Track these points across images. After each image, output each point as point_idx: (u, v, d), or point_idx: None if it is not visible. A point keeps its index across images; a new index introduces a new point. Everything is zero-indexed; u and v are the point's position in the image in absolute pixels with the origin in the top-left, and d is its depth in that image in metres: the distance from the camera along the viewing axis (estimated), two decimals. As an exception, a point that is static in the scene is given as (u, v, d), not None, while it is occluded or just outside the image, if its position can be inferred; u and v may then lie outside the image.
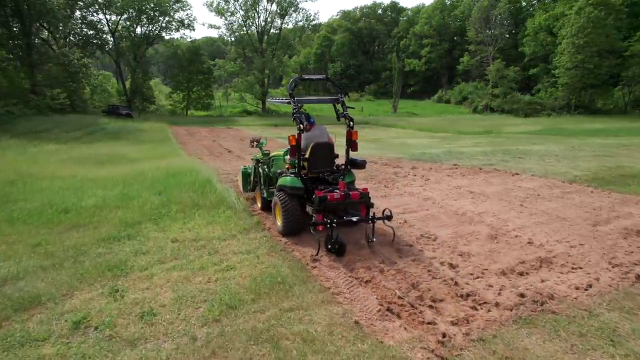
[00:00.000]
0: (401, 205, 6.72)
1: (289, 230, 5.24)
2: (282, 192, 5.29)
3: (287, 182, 5.22)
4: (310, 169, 5.31)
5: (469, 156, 12.80)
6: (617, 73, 39.60)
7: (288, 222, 5.18)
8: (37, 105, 31.62)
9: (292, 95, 5.31)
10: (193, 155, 15.65)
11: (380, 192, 7.73)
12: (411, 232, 5.40)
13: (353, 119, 5.31)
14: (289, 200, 5.15)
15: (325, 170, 5.45)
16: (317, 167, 5.35)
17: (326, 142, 5.44)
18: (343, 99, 5.43)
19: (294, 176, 5.24)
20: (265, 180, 6.41)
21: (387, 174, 9.72)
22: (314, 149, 5.24)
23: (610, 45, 38.23)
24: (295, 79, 5.52)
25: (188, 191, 7.56)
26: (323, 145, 5.35)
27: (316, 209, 4.71)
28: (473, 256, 4.55)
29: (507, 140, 20.41)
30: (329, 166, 5.45)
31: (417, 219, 5.93)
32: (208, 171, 10.08)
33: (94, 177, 10.09)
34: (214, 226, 5.71)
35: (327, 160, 5.43)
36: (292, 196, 5.18)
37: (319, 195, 4.72)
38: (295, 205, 5.15)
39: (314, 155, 5.25)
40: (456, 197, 7.07)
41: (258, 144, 6.80)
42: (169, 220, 5.95)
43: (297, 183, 5.16)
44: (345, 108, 5.37)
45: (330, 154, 5.45)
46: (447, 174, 9.38)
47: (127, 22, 46.18)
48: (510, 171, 9.40)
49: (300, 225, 5.20)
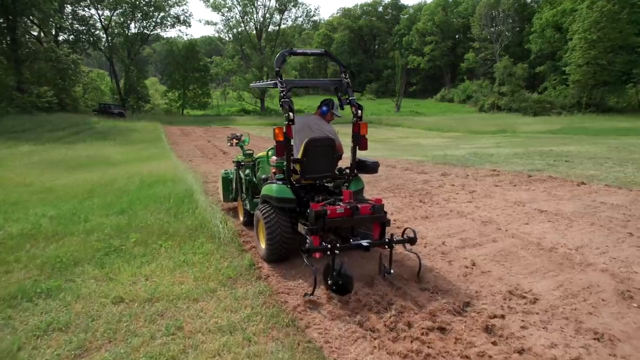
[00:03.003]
0: (454, 232, 4.80)
1: (273, 255, 3.93)
2: (266, 205, 3.99)
3: (273, 191, 3.91)
4: (304, 174, 3.93)
5: (501, 159, 10.92)
6: (629, 70, 37.93)
7: (273, 245, 3.84)
8: (22, 103, 29.75)
9: (278, 74, 3.83)
10: (184, 157, 14.03)
11: (416, 210, 5.80)
12: (490, 284, 3.47)
13: (362, 107, 3.93)
14: (275, 215, 3.85)
15: (325, 176, 4.07)
16: (314, 171, 3.97)
17: (326, 137, 4.05)
18: (348, 80, 4.06)
19: (281, 183, 3.90)
20: (248, 187, 5.06)
21: (416, 182, 7.80)
22: (308, 146, 3.86)
23: (623, 41, 36.63)
24: (284, 52, 4.00)
25: (160, 210, 5.64)
26: (321, 142, 3.96)
27: (311, 228, 3.37)
28: (620, 341, 2.63)
29: (530, 140, 18.59)
30: (329, 170, 4.06)
31: (488, 258, 4.01)
32: (193, 179, 8.16)
33: (52, 186, 8.18)
34: (184, 272, 3.79)
35: (327, 161, 4.03)
36: (279, 210, 3.88)
37: (315, 209, 3.41)
38: (284, 222, 3.84)
39: (308, 155, 3.88)
40: (526, 220, 5.15)
41: (238, 141, 5.36)
42: (120, 261, 4.02)
43: (285, 192, 3.84)
44: (351, 92, 4.01)
45: (332, 154, 4.03)
46: (492, 183, 7.46)
47: (120, 17, 44.28)
48: (570, 179, 7.48)
49: (290, 249, 3.89)
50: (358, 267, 3.82)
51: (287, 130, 3.64)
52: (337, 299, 3.20)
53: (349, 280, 3.25)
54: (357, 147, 4.00)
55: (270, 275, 3.72)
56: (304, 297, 3.27)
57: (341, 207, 3.49)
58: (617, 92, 40.83)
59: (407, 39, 68.51)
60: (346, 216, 3.48)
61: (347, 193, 3.70)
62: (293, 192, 3.83)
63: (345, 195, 3.69)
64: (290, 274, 3.77)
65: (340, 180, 4.20)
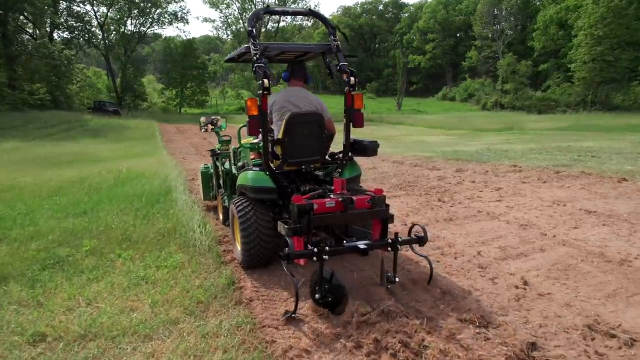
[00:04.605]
0: (489, 238, 3.85)
1: (251, 260, 3.17)
2: (242, 197, 3.26)
3: (248, 179, 3.17)
4: (287, 158, 3.18)
5: (518, 155, 9.98)
6: (636, 67, 37.17)
7: (249, 247, 3.09)
8: (13, 100, 28.88)
9: (251, 35, 3.04)
10: (176, 154, 13.29)
11: (436, 211, 4.84)
12: (556, 313, 2.51)
13: (355, 74, 3.16)
14: (252, 209, 3.11)
15: (313, 160, 3.30)
16: (298, 154, 3.22)
17: (312, 111, 3.33)
18: (337, 42, 3.24)
19: (258, 170, 3.18)
20: (226, 180, 4.32)
21: (429, 179, 6.84)
22: (290, 123, 3.12)
23: (630, 37, 35.96)
24: (259, 10, 3.29)
25: (128, 210, 4.70)
26: (306, 118, 3.22)
27: (293, 227, 2.63)
28: None
29: (541, 137, 17.66)
30: (318, 153, 3.32)
31: (542, 273, 3.05)
32: (178, 175, 7.23)
33: (18, 183, 7.24)
34: (140, 293, 2.85)
35: (315, 142, 3.27)
36: (256, 203, 3.15)
37: (297, 203, 2.64)
38: (262, 218, 3.10)
39: (291, 135, 3.14)
40: (574, 223, 4.19)
41: (214, 127, 4.46)
42: (59, 277, 3.08)
43: (263, 181, 3.12)
44: (342, 57, 3.22)
45: (320, 132, 3.27)
46: (518, 180, 6.50)
47: (117, 14, 43.37)
48: (606, 175, 6.53)
49: (271, 251, 3.14)
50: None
51: (262, 102, 2.91)
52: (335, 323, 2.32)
53: (342, 292, 2.54)
54: (352, 123, 3.22)
55: (254, 299, 2.76)
56: (284, 315, 2.53)
57: (331, 200, 2.75)
58: (622, 90, 40.10)
59: (408, 37, 67.88)
60: (338, 211, 2.74)
61: (339, 182, 2.90)
62: (273, 180, 3.11)
63: (337, 185, 2.90)
64: (281, 296, 2.84)
65: (333, 166, 3.44)
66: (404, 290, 2.84)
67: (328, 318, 2.47)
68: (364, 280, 3.01)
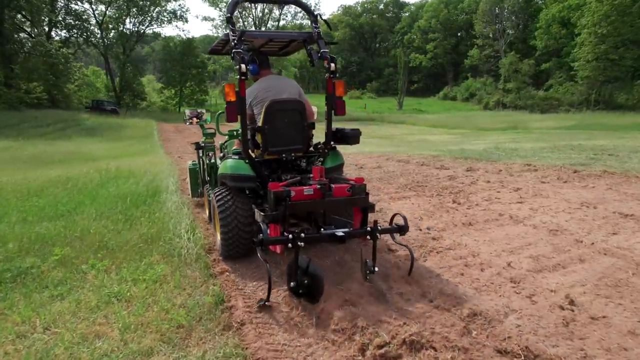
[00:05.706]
0: (517, 246, 3.37)
1: (229, 250, 3.13)
2: (222, 187, 3.25)
3: (227, 167, 3.14)
4: (267, 146, 3.13)
5: (530, 153, 9.52)
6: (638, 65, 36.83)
7: (228, 237, 3.05)
8: (10, 99, 28.47)
9: (230, 21, 3.10)
10: (173, 153, 12.95)
11: (452, 214, 4.36)
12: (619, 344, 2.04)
13: (336, 61, 3.13)
14: (231, 198, 3.07)
15: (294, 149, 3.26)
16: (279, 142, 3.18)
17: (291, 99, 3.30)
18: (318, 29, 3.19)
19: (237, 158, 3.14)
20: (211, 174, 4.26)
21: (439, 179, 6.36)
22: (270, 110, 3.09)
23: (634, 35, 35.62)
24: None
25: (110, 213, 4.23)
26: (286, 105, 3.20)
27: (270, 214, 2.63)
28: None
29: (547, 136, 17.22)
30: (299, 141, 3.27)
31: (588, 290, 2.57)
32: (170, 174, 6.78)
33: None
34: (110, 314, 2.37)
35: (296, 130, 3.24)
36: (236, 192, 3.11)
37: (274, 189, 2.63)
38: (241, 207, 3.06)
39: (271, 122, 3.11)
40: (611, 228, 3.71)
41: (199, 120, 4.37)
42: (17, 294, 2.60)
43: (242, 169, 3.09)
44: (323, 44, 3.16)
45: (301, 120, 3.26)
46: (536, 179, 6.02)
47: (115, 12, 42.94)
48: (632, 174, 6.04)
49: (250, 242, 2.90)
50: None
51: (240, 88, 2.87)
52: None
53: (319, 282, 2.44)
54: (333, 111, 3.17)
55: (246, 323, 2.28)
56: (258, 303, 2.49)
57: (309, 188, 2.76)
58: (626, 89, 39.74)
59: (409, 36, 67.58)
60: (316, 199, 2.72)
61: (317, 170, 2.90)
62: (253, 168, 3.06)
63: (315, 173, 2.88)
64: (282, 316, 2.36)
65: (314, 155, 3.40)
66: (425, 311, 2.37)
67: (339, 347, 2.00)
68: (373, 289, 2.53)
